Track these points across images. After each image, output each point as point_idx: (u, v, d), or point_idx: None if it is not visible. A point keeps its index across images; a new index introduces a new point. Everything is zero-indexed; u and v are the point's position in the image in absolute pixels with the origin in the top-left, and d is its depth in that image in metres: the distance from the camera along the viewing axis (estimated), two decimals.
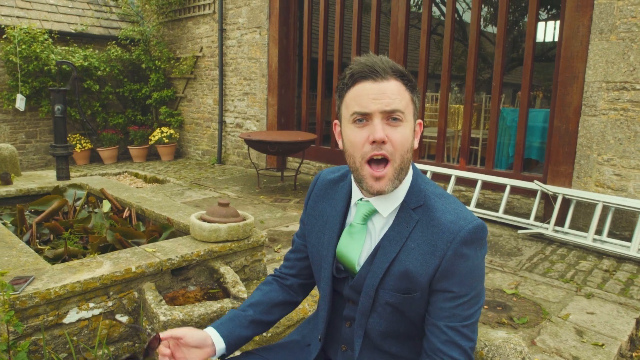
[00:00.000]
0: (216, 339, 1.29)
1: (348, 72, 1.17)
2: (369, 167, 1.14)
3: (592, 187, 4.61)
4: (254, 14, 7.75)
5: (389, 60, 1.16)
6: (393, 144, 1.12)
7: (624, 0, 4.31)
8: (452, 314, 1.13)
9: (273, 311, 1.44)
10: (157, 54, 9.37)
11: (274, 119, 7.69)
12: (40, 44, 8.16)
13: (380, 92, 1.11)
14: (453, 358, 1.11)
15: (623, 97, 4.37)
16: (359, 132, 1.14)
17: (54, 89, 3.84)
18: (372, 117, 1.12)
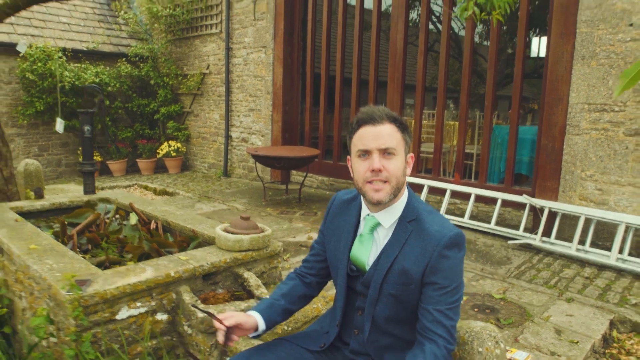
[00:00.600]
0: (260, 322, 1.68)
1: (355, 119, 1.59)
2: (370, 185, 1.54)
3: (577, 201, 4.99)
4: (260, 34, 8.16)
5: (385, 109, 1.57)
6: (388, 171, 1.52)
7: (603, 30, 4.72)
8: (438, 301, 1.51)
9: (297, 302, 1.83)
10: (166, 71, 9.78)
11: (278, 134, 8.08)
12: (55, 61, 8.56)
13: (377, 134, 1.52)
14: (438, 333, 1.49)
15: (603, 118, 4.76)
16: (363, 164, 1.56)
17: (83, 111, 4.22)
18: (371, 153, 1.52)
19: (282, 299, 1.79)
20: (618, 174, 4.71)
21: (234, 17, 8.60)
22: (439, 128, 6.36)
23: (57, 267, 2.44)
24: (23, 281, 2.62)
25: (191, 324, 2.34)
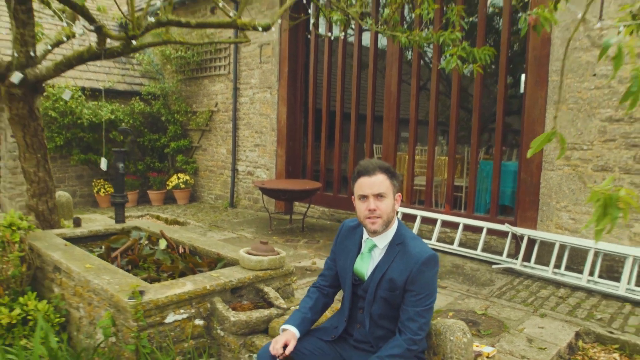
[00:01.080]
0: (297, 333, 2.27)
1: (355, 170, 2.20)
2: (368, 219, 2.12)
3: (553, 229, 5.57)
4: (265, 76, 8.87)
5: (378, 161, 2.18)
6: (381, 210, 2.11)
7: (572, 79, 5.39)
8: (414, 304, 2.08)
9: (320, 312, 2.42)
10: (176, 108, 10.46)
11: (282, 168, 8.69)
12: (75, 100, 9.23)
13: (372, 183, 2.11)
14: (410, 328, 2.06)
15: (574, 156, 5.39)
16: (362, 204, 2.16)
17: (117, 150, 4.83)
18: (368, 197, 2.12)
19: (309, 312, 2.37)
20: (588, 205, 5.31)
21: (242, 60, 9.33)
22: (430, 164, 6.98)
23: (114, 281, 2.99)
24: (82, 294, 3.17)
25: (224, 327, 2.88)
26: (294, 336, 2.23)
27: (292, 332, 2.25)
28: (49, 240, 4.08)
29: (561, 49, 5.43)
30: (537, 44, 5.61)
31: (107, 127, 9.88)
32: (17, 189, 9.65)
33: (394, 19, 5.31)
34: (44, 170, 4.49)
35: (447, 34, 4.77)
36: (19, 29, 3.93)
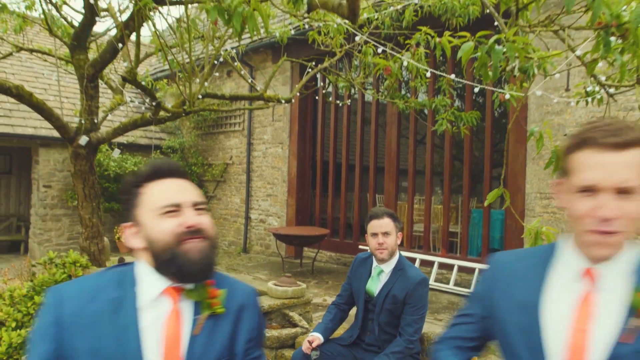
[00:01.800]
0: (321, 338, 3.00)
1: (369, 215, 2.98)
2: (378, 251, 2.90)
3: None
4: (277, 133, 9.80)
5: (385, 209, 2.97)
6: (387, 244, 2.89)
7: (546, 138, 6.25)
8: (411, 313, 2.83)
9: (337, 323, 3.16)
10: (193, 161, 11.36)
11: (292, 216, 9.47)
12: (103, 153, 10.14)
13: (380, 225, 2.90)
14: (407, 332, 2.80)
15: (551, 204, 6.18)
16: (373, 240, 2.93)
17: None
18: (377, 234, 2.89)
19: (330, 322, 3.12)
20: None
21: (255, 118, 10.30)
22: (427, 212, 7.78)
23: None
24: None
25: None
26: (319, 337, 2.97)
27: (318, 335, 2.98)
28: None
29: (536, 113, 6.34)
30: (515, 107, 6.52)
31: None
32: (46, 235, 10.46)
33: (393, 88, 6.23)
34: (97, 217, 5.27)
35: (439, 100, 5.67)
36: (87, 101, 4.82)
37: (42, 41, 10.05)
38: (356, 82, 6.14)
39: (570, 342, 1.11)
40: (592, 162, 1.09)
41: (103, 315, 1.19)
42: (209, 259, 1.24)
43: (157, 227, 1.23)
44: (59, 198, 10.29)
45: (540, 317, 1.15)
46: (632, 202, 1.06)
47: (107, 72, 5.83)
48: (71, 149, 4.91)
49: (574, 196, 1.13)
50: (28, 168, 11.45)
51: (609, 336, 1.09)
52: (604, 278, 1.13)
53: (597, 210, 1.07)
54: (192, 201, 1.26)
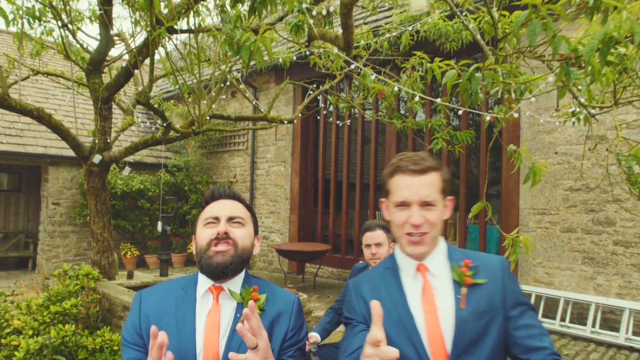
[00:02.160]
0: (319, 338, 3.23)
1: (363, 227, 3.22)
2: (372, 260, 3.14)
3: (531, 282, 6.48)
4: (280, 152, 10.09)
5: (378, 221, 3.22)
6: (379, 253, 3.13)
7: (538, 155, 6.52)
8: None
9: (334, 325, 3.37)
10: (198, 179, 11.64)
11: (294, 232, 9.70)
12: (110, 172, 10.42)
13: (373, 236, 3.15)
14: None
15: (544, 219, 6.41)
16: (367, 250, 3.17)
17: (165, 215, 5.87)
18: (371, 245, 3.14)
19: (327, 324, 3.35)
20: (559, 261, 6.26)
21: (259, 137, 10.60)
22: None
23: None
24: None
25: None
26: (316, 336, 3.21)
27: (315, 334, 3.22)
28: (112, 288, 5.05)
29: (529, 132, 6.61)
30: (509, 127, 6.80)
31: (135, 195, 11.02)
32: (54, 252, 10.69)
33: (391, 108, 6.52)
34: (108, 232, 5.51)
35: (435, 120, 5.95)
36: (101, 122, 5.11)
37: (55, 64, 10.43)
38: (356, 103, 6.43)
39: (426, 322, 1.44)
40: (402, 184, 1.48)
41: (169, 309, 1.53)
42: (230, 264, 1.52)
43: (200, 235, 1.58)
44: (67, 215, 10.55)
45: (410, 309, 1.45)
46: (433, 212, 1.46)
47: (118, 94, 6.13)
48: (85, 167, 5.18)
49: (394, 210, 1.49)
50: (37, 186, 11.75)
51: (450, 308, 1.43)
52: (431, 269, 1.50)
53: (409, 219, 1.44)
54: (228, 215, 1.58)
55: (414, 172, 1.47)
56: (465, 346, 1.39)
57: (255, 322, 1.24)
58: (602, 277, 5.92)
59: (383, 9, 7.58)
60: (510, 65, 3.44)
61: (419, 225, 1.44)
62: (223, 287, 1.55)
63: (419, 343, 1.41)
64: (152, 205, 11.37)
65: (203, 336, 1.47)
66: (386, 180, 1.57)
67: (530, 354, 1.42)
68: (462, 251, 1.57)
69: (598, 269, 5.96)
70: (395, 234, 1.54)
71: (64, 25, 5.03)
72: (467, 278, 1.46)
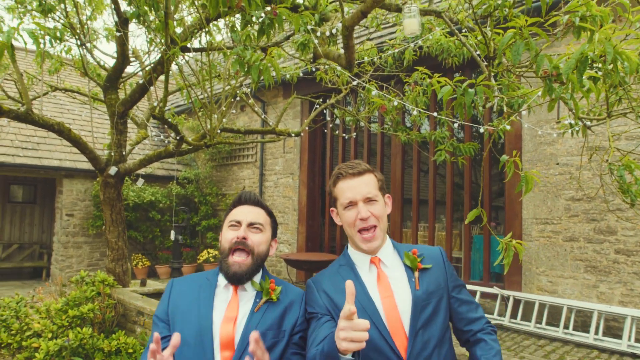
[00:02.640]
0: None
1: None
2: None
3: (535, 291, 6.60)
4: (288, 164, 10.31)
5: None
6: None
7: (540, 166, 6.67)
8: None
9: None
10: (208, 191, 11.87)
11: (302, 243, 9.87)
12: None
13: None
14: None
15: (547, 229, 6.54)
16: None
17: (177, 225, 6.08)
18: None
19: None
20: (562, 269, 6.38)
21: (267, 150, 10.83)
22: (431, 239, 8.14)
23: None
24: None
25: None
26: None
27: None
28: (127, 294, 5.25)
29: (530, 144, 6.77)
30: (511, 139, 6.96)
31: (147, 207, 11.26)
32: (67, 262, 10.93)
33: (396, 121, 6.71)
34: (122, 241, 5.72)
35: (438, 133, 6.12)
36: (117, 135, 5.35)
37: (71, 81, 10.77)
38: (361, 116, 6.63)
39: (384, 306, 1.65)
40: (345, 187, 1.73)
41: (193, 292, 1.78)
42: (245, 274, 1.75)
43: (224, 235, 1.81)
44: (80, 226, 10.80)
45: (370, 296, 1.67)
46: (376, 206, 1.72)
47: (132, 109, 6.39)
48: (101, 178, 5.41)
49: (343, 212, 1.73)
50: (52, 198, 12.05)
51: (406, 291, 1.68)
52: (383, 260, 1.74)
53: (358, 215, 1.68)
54: (249, 221, 1.80)
55: (353, 175, 1.74)
56: (421, 323, 1.63)
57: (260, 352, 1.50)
58: (605, 285, 6.03)
59: (387, 25, 7.81)
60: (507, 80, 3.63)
61: (367, 218, 1.68)
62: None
63: (381, 325, 1.62)
64: (163, 216, 11.61)
65: (222, 318, 1.70)
66: (331, 189, 1.81)
67: (472, 325, 1.74)
68: (404, 245, 1.84)
69: (601, 277, 6.06)
70: (348, 233, 1.76)
71: (82, 44, 5.30)
72: (419, 263, 1.72)
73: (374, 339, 1.60)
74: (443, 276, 1.75)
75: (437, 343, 1.64)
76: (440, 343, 1.65)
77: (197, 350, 1.67)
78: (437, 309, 1.68)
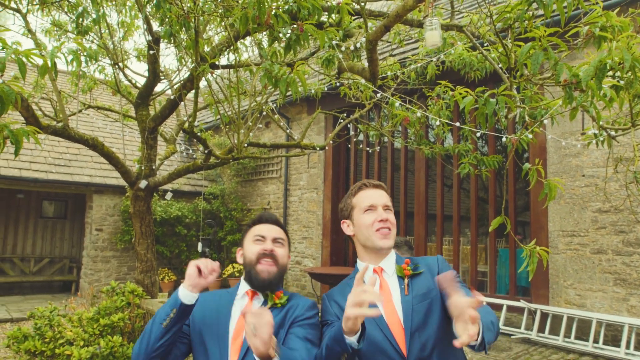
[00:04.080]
0: None
1: None
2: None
3: (563, 304, 6.50)
4: (312, 179, 10.41)
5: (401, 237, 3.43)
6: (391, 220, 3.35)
7: (566, 178, 6.62)
8: None
9: None
10: (233, 206, 12.05)
11: (327, 257, 9.92)
12: None
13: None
14: None
15: (574, 241, 6.47)
16: None
17: (205, 238, 6.21)
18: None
19: None
20: (590, 282, 6.28)
21: (291, 165, 10.97)
22: (456, 253, 8.11)
23: None
24: None
25: None
26: None
27: None
28: (155, 305, 5.37)
29: (555, 155, 6.73)
30: (536, 151, 6.94)
31: (173, 222, 11.48)
32: (96, 275, 11.17)
33: (419, 135, 6.77)
34: (151, 253, 5.87)
35: (461, 146, 6.16)
36: (147, 150, 5.53)
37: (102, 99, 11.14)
38: (385, 130, 6.71)
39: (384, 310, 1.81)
40: (368, 195, 1.96)
41: (214, 301, 1.96)
42: (273, 280, 1.91)
43: (248, 248, 1.98)
44: (109, 241, 11.07)
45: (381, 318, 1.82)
46: (391, 215, 1.94)
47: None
48: (131, 192, 5.59)
49: (361, 216, 1.92)
50: (82, 213, 12.38)
51: (401, 295, 1.84)
52: (386, 269, 1.91)
53: (377, 217, 1.89)
54: (273, 236, 1.98)
55: (375, 186, 2.00)
56: (416, 324, 1.77)
57: None
58: (635, 299, 5.92)
59: (410, 42, 7.92)
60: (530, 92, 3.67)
61: (386, 220, 1.90)
62: (257, 292, 1.95)
63: (385, 327, 1.77)
64: (189, 231, 11.81)
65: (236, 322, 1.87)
66: (349, 200, 2.02)
67: None
68: (404, 257, 2.02)
69: (631, 290, 5.96)
70: (364, 235, 1.91)
71: (116, 63, 5.54)
72: (406, 271, 1.90)
73: (379, 341, 1.76)
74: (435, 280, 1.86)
75: (436, 343, 1.74)
76: (439, 343, 1.74)
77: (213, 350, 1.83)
78: (431, 311, 1.79)
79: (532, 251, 2.87)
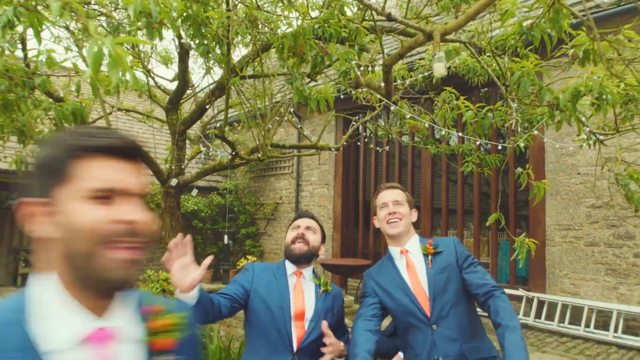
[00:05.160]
0: None
1: None
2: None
3: (558, 293, 7.02)
4: (323, 175, 10.94)
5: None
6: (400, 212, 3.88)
7: (562, 176, 7.12)
8: None
9: None
10: (247, 200, 12.59)
11: (337, 249, 10.46)
12: None
13: None
14: None
15: (569, 234, 6.97)
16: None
17: (229, 231, 6.75)
18: None
19: None
20: (583, 272, 6.80)
21: (303, 161, 11.50)
22: None
23: None
24: (224, 321, 4.94)
25: None
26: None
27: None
28: None
29: (552, 155, 7.23)
30: (534, 151, 7.43)
31: (190, 216, 12.04)
32: None
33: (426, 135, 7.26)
34: None
35: (465, 146, 6.65)
36: (177, 151, 6.07)
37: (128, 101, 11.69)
38: (393, 131, 7.21)
39: (411, 281, 2.41)
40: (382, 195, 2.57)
41: (272, 279, 2.46)
42: (303, 255, 2.49)
43: (288, 235, 2.63)
44: None
45: (403, 276, 2.41)
46: (402, 207, 2.48)
47: None
48: (163, 189, 6.13)
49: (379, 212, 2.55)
50: None
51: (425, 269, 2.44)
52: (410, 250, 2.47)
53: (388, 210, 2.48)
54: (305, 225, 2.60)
55: (387, 188, 2.56)
56: (438, 290, 2.31)
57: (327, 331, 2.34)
58: (625, 287, 6.42)
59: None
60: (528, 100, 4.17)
61: (394, 213, 2.44)
62: (302, 271, 2.50)
63: (411, 295, 2.36)
64: (205, 225, 12.36)
65: (293, 297, 2.42)
66: (373, 201, 2.59)
67: (479, 288, 2.30)
68: (427, 239, 2.52)
69: (620, 280, 6.46)
70: (382, 226, 2.49)
71: (148, 71, 6.07)
72: (430, 250, 2.42)
73: (407, 305, 2.35)
74: (453, 256, 2.41)
75: (454, 304, 2.29)
76: (456, 304, 2.29)
77: (279, 317, 2.36)
78: (449, 279, 2.33)
79: (522, 242, 3.39)
